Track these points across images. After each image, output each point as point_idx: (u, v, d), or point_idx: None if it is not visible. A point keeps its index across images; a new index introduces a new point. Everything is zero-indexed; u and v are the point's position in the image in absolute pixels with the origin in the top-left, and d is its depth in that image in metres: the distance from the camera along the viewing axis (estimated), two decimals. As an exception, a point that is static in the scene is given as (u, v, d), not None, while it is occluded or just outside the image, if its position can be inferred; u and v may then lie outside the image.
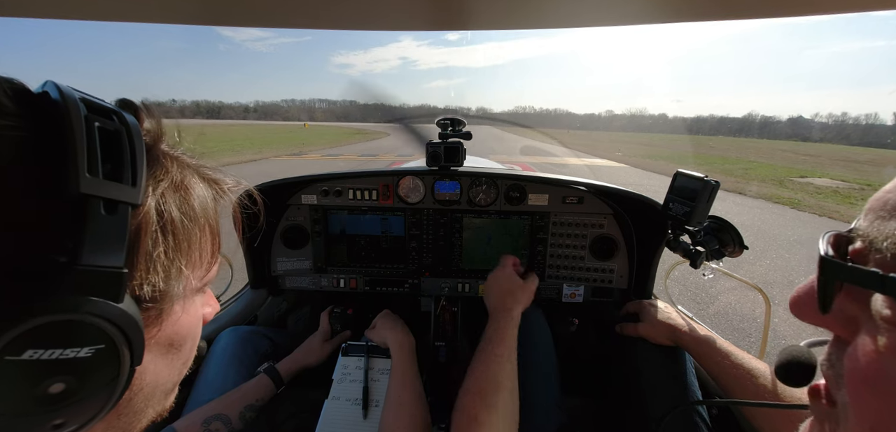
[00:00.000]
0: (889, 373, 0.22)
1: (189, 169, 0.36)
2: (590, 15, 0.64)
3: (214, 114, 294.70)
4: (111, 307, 0.26)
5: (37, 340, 0.23)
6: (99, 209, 0.25)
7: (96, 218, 0.25)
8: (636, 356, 0.95)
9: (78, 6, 0.64)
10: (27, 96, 0.26)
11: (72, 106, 0.25)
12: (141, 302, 0.30)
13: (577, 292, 1.24)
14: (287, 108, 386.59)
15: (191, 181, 0.35)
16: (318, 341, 1.08)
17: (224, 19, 0.66)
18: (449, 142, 1.13)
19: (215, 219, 0.39)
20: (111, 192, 0.26)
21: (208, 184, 0.38)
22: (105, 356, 0.26)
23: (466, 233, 1.24)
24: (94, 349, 0.26)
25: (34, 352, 0.23)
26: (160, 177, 0.32)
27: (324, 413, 0.87)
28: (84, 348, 0.25)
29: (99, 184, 0.25)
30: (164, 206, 0.31)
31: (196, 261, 0.36)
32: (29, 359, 0.23)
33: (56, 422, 0.26)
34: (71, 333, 0.25)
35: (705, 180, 0.84)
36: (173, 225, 0.32)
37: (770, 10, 0.60)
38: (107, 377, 0.27)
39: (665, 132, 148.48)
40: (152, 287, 0.30)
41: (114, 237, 0.26)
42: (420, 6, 0.62)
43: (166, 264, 0.31)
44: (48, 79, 0.28)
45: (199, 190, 0.36)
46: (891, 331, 0.23)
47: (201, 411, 0.78)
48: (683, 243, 0.90)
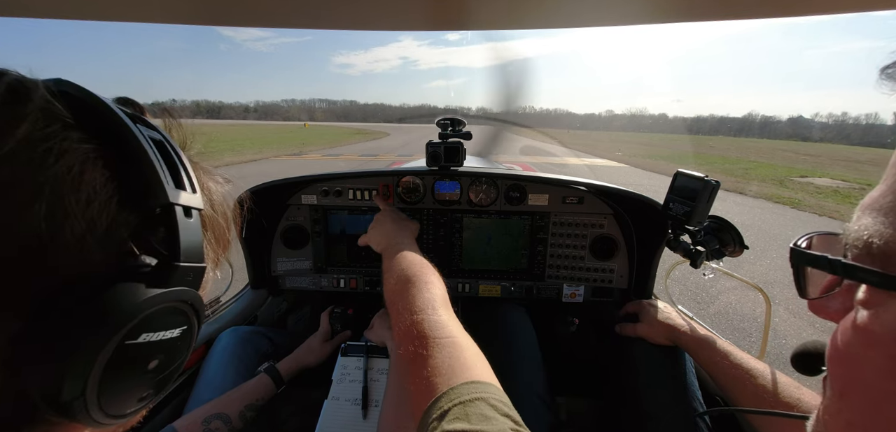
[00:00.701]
0: (852, 344, 0.26)
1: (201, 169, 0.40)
2: (590, 15, 0.64)
3: (214, 114, 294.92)
4: (195, 295, 0.31)
5: (149, 325, 0.28)
6: (181, 215, 0.30)
7: (182, 222, 0.30)
8: (636, 356, 0.95)
9: (78, 6, 0.64)
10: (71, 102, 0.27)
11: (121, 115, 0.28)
12: None
13: (577, 292, 1.24)
14: (287, 107, 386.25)
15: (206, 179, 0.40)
16: (319, 341, 1.08)
17: (224, 19, 0.66)
18: (449, 143, 1.13)
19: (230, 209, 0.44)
20: (185, 200, 0.30)
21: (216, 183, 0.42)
22: (187, 333, 0.32)
23: (466, 233, 1.24)
24: (182, 329, 0.31)
25: (147, 336, 0.28)
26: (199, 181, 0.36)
27: (323, 413, 0.87)
28: (176, 329, 0.30)
29: (176, 193, 0.30)
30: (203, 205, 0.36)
31: (221, 250, 0.41)
32: (143, 341, 0.28)
33: (144, 394, 0.30)
34: (171, 317, 0.30)
35: (705, 180, 0.84)
36: (210, 220, 0.37)
37: (770, 10, 0.60)
38: (183, 350, 0.32)
39: (665, 132, 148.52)
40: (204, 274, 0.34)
41: (195, 237, 0.31)
42: (420, 6, 0.62)
43: (209, 255, 0.37)
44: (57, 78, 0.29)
45: (215, 187, 0.41)
46: (862, 313, 0.26)
47: (201, 410, 0.79)
48: (683, 243, 0.90)
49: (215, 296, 1.18)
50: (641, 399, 0.88)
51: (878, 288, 0.24)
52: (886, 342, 0.24)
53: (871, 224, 0.25)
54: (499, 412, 0.41)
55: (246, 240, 1.17)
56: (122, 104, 0.34)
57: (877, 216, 0.25)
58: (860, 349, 0.26)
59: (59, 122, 0.25)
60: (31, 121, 0.24)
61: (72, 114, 0.26)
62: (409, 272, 0.67)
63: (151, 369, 0.30)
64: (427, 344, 0.52)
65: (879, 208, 0.25)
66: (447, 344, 0.52)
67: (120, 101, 0.35)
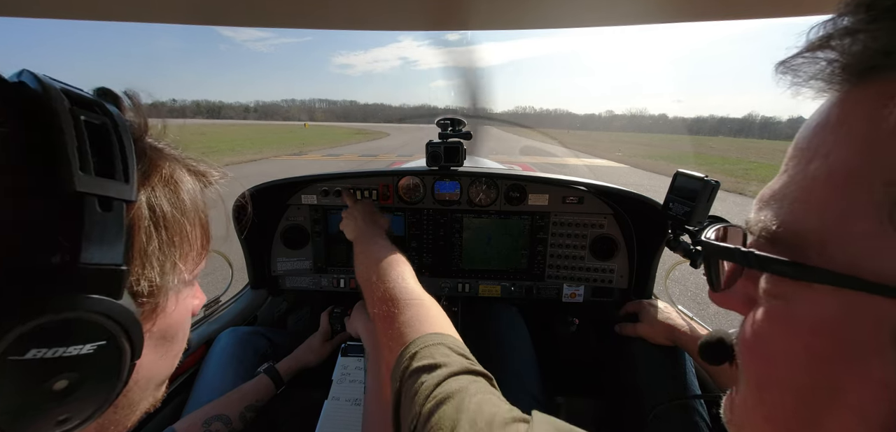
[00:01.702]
0: (768, 337, 0.26)
1: (176, 161, 0.36)
2: (590, 15, 0.64)
3: (215, 114, 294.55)
4: (112, 304, 0.26)
5: (40, 339, 0.24)
6: (94, 207, 0.25)
7: (93, 216, 0.25)
8: (636, 356, 0.95)
9: (78, 6, 0.64)
10: (5, 88, 0.25)
11: (56, 98, 0.25)
12: (137, 297, 0.30)
13: (578, 292, 1.24)
14: (287, 107, 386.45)
15: (179, 174, 0.35)
16: (318, 341, 1.08)
17: (224, 19, 0.66)
18: (449, 143, 1.13)
19: (205, 211, 0.39)
20: (105, 189, 0.25)
21: (195, 176, 0.38)
22: (107, 352, 0.27)
23: (466, 233, 1.24)
24: (97, 345, 0.26)
25: (38, 351, 0.24)
26: (149, 172, 0.32)
27: (323, 413, 0.87)
28: (87, 345, 0.26)
29: (93, 181, 0.25)
30: (155, 201, 0.31)
31: (188, 255, 0.36)
32: (33, 358, 0.23)
33: (61, 418, 0.26)
34: (74, 331, 0.25)
35: (705, 180, 0.84)
36: (165, 219, 0.32)
37: (770, 10, 0.60)
38: (109, 372, 0.28)
39: (665, 132, 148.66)
40: (149, 282, 0.30)
41: (111, 234, 0.26)
42: (420, 6, 0.62)
43: (161, 259, 0.32)
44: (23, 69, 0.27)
45: (187, 182, 0.36)
46: (767, 302, 0.26)
47: (201, 412, 0.78)
48: (683, 243, 0.90)
49: (214, 296, 1.18)
50: (641, 398, 0.88)
51: (788, 278, 0.24)
52: (801, 333, 0.23)
53: (774, 215, 0.25)
54: (456, 353, 0.49)
55: (246, 240, 1.17)
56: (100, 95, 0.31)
57: (781, 206, 0.25)
58: (774, 341, 0.25)
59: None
60: None
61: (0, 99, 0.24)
62: (381, 254, 0.74)
63: (60, 390, 0.25)
64: (398, 304, 0.61)
65: (782, 199, 0.25)
66: (415, 304, 0.61)
67: (97, 91, 0.32)
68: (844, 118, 0.22)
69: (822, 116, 0.24)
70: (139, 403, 0.36)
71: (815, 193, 0.23)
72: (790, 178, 0.25)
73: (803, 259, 0.23)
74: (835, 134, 0.23)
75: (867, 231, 0.20)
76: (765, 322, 0.26)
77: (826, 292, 0.22)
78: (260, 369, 0.95)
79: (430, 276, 1.27)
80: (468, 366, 0.47)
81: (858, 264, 0.20)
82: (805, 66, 0.24)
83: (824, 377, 0.22)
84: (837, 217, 0.22)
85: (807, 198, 0.24)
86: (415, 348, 0.50)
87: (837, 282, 0.21)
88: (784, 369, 0.25)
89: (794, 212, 0.24)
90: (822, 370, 0.22)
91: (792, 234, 0.24)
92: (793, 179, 0.25)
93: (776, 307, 0.25)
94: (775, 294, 0.25)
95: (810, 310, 0.23)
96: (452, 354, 0.49)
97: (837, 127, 0.23)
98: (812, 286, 0.23)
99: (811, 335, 0.23)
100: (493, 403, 0.41)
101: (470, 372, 0.46)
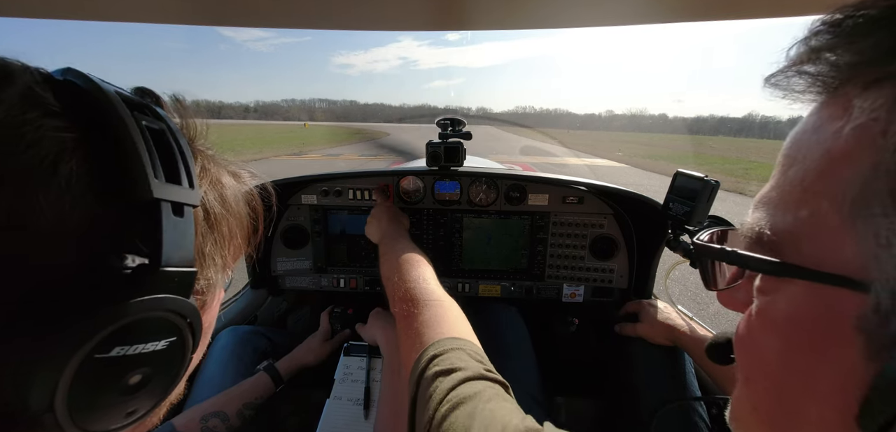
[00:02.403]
0: (753, 331, 0.28)
1: (216, 163, 0.37)
2: (590, 15, 0.64)
3: (215, 115, 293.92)
4: (184, 303, 0.28)
5: (124, 338, 0.25)
6: (169, 212, 0.26)
7: (168, 221, 0.26)
8: (635, 356, 0.95)
9: (78, 6, 0.64)
10: (69, 89, 0.26)
11: (117, 103, 0.26)
12: (198, 294, 0.32)
13: (577, 292, 1.24)
14: (287, 107, 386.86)
15: (221, 175, 0.37)
16: (318, 341, 1.08)
17: (224, 19, 0.66)
18: (449, 143, 1.13)
19: (245, 210, 0.41)
20: (176, 195, 0.27)
21: (234, 178, 0.40)
22: (177, 347, 0.29)
23: (466, 233, 1.24)
24: (169, 341, 0.28)
25: (121, 349, 0.25)
26: (201, 175, 0.33)
27: (325, 412, 0.87)
28: (162, 341, 0.27)
29: (165, 187, 0.26)
30: (208, 203, 0.33)
31: (230, 254, 0.38)
32: (116, 356, 0.25)
33: (130, 409, 0.28)
34: (152, 329, 0.27)
35: (705, 180, 0.84)
36: (216, 220, 0.34)
37: (770, 10, 0.60)
38: (175, 365, 0.30)
39: (665, 132, 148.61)
40: (207, 280, 0.32)
41: (185, 238, 0.28)
42: (420, 6, 0.62)
43: (214, 257, 0.33)
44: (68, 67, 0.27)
45: (229, 183, 0.37)
46: (757, 298, 0.27)
47: (200, 408, 0.79)
48: (683, 243, 0.90)
49: None
50: (641, 398, 0.88)
51: (770, 275, 0.26)
52: (781, 325, 0.25)
53: (761, 217, 0.27)
54: (473, 358, 0.50)
55: None
56: (140, 95, 0.31)
57: (767, 209, 0.27)
58: (759, 335, 0.27)
59: (39, 109, 0.23)
60: (6, 107, 0.22)
61: (61, 101, 0.24)
62: (404, 254, 0.77)
63: (134, 384, 0.27)
64: (418, 305, 0.62)
65: (768, 202, 0.27)
66: (434, 305, 0.62)
67: (137, 91, 0.32)
68: (818, 125, 0.24)
69: (802, 124, 0.26)
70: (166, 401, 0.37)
71: (792, 195, 0.25)
72: (775, 183, 0.27)
73: (780, 257, 0.25)
74: (809, 140, 0.24)
75: (831, 227, 0.22)
76: (753, 318, 0.28)
77: (800, 286, 0.24)
78: (259, 366, 0.95)
79: None
80: (484, 372, 0.47)
81: (824, 259, 0.22)
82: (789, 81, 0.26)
83: (800, 367, 0.24)
84: (808, 216, 0.23)
85: (786, 199, 0.25)
86: (433, 351, 0.51)
87: (806, 275, 0.23)
88: (767, 361, 0.26)
89: (776, 215, 0.26)
90: (797, 360, 0.24)
91: (774, 234, 0.26)
92: (777, 183, 0.27)
93: (763, 303, 0.27)
94: (763, 290, 0.27)
95: (787, 304, 0.25)
96: (469, 359, 0.49)
97: (812, 133, 0.24)
98: (790, 281, 0.24)
99: (788, 327, 0.25)
100: (507, 411, 0.41)
101: (486, 377, 0.47)
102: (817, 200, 0.23)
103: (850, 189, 0.21)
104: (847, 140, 0.22)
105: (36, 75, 0.25)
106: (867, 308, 0.20)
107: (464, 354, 0.50)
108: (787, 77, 0.26)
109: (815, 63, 0.24)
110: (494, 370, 0.50)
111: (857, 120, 0.21)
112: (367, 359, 0.98)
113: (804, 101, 0.26)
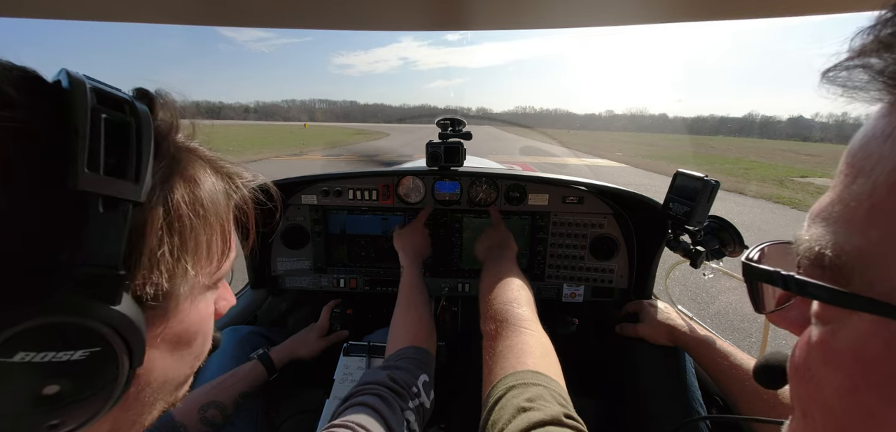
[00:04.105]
0: (811, 361, 0.25)
1: (202, 162, 0.35)
2: (590, 15, 0.64)
3: (215, 115, 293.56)
4: (106, 310, 0.25)
5: (28, 343, 0.23)
6: (97, 207, 0.24)
7: (95, 216, 0.24)
8: (636, 356, 0.95)
9: (78, 6, 0.64)
10: (35, 85, 0.25)
11: (78, 94, 0.24)
12: (143, 301, 0.29)
13: (577, 292, 1.24)
14: (287, 108, 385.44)
15: (201, 175, 0.34)
16: (315, 335, 1.08)
17: (224, 19, 0.66)
18: (449, 143, 1.13)
19: (226, 214, 0.38)
20: (111, 189, 0.24)
21: (222, 178, 0.37)
22: (100, 358, 0.25)
23: (466, 233, 1.24)
24: (89, 352, 0.25)
25: (25, 355, 0.23)
26: (169, 172, 0.30)
27: (325, 413, 0.87)
28: (78, 351, 0.24)
29: (98, 180, 0.24)
30: (171, 203, 0.30)
31: (204, 259, 0.34)
32: (20, 362, 0.23)
33: (52, 422, 0.25)
34: (64, 336, 0.24)
35: (705, 180, 0.84)
36: (181, 222, 0.31)
37: (770, 10, 0.60)
38: (104, 379, 0.26)
39: (665, 132, 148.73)
40: (156, 287, 0.29)
41: (112, 236, 0.25)
42: (420, 6, 0.62)
43: (171, 263, 0.30)
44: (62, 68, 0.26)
45: (209, 184, 0.34)
46: (816, 326, 0.24)
47: (195, 397, 0.79)
48: (683, 243, 0.90)
49: None
50: (641, 399, 0.88)
51: (833, 305, 0.23)
52: (845, 361, 0.22)
53: (821, 234, 0.23)
54: (555, 401, 0.49)
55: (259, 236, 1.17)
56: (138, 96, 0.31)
57: (827, 226, 0.23)
58: (819, 367, 0.24)
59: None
60: None
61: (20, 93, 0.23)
62: (505, 275, 0.78)
63: (50, 395, 0.24)
64: (506, 328, 0.63)
65: (828, 217, 0.23)
66: (523, 333, 0.62)
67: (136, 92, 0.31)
68: (890, 131, 0.20)
69: (869, 128, 0.22)
70: (154, 403, 0.35)
71: (859, 212, 0.21)
72: (837, 195, 0.23)
73: (844, 284, 0.22)
74: (881, 147, 0.21)
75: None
76: (811, 347, 0.25)
77: (867, 319, 0.21)
78: (253, 355, 0.95)
79: (431, 276, 1.27)
80: (562, 417, 0.45)
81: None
82: (852, 74, 0.22)
83: (866, 409, 0.21)
84: (879, 238, 0.20)
85: (851, 216, 0.22)
86: (512, 381, 0.51)
87: (876, 309, 0.20)
88: (827, 398, 0.23)
89: (838, 233, 0.22)
90: (863, 401, 0.21)
91: (835, 256, 0.22)
92: (839, 196, 0.23)
93: (823, 332, 0.24)
94: (823, 318, 0.24)
95: (853, 338, 0.22)
96: (550, 400, 0.48)
97: (883, 140, 0.21)
98: (857, 313, 0.21)
99: (853, 364, 0.22)
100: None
101: (563, 424, 0.45)
102: (890, 220, 0.19)
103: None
104: None
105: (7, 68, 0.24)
106: None
107: (544, 391, 0.49)
108: (849, 70, 0.22)
109: (883, 55, 0.21)
110: (575, 415, 0.48)
111: None
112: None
113: (867, 100, 0.22)
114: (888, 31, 0.20)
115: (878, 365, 0.20)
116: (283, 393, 0.96)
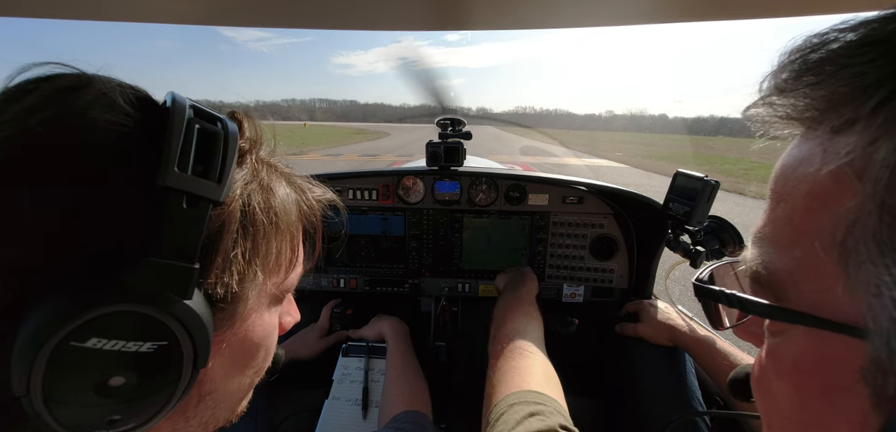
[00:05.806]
0: (766, 373, 0.26)
1: (278, 174, 0.36)
2: (590, 15, 0.64)
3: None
4: (178, 303, 0.25)
5: (101, 329, 0.23)
6: (181, 203, 0.25)
7: (178, 210, 0.25)
8: (636, 356, 0.95)
9: (78, 6, 0.64)
10: (145, 102, 0.28)
11: (178, 109, 0.26)
12: (214, 301, 0.29)
13: (578, 292, 1.24)
14: (287, 107, 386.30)
15: (276, 185, 0.35)
16: (314, 336, 1.08)
17: (224, 19, 0.66)
18: (449, 143, 1.13)
19: (297, 225, 0.39)
20: (195, 187, 0.26)
21: (295, 191, 0.39)
22: (167, 353, 0.26)
23: (466, 233, 1.24)
24: (157, 345, 0.25)
25: (98, 341, 0.23)
26: (249, 179, 0.32)
27: (324, 413, 0.87)
28: (146, 343, 0.25)
29: (185, 179, 0.25)
30: (248, 207, 0.31)
31: (273, 267, 0.35)
32: (92, 348, 0.23)
33: (113, 417, 0.25)
34: (135, 326, 0.24)
35: (705, 180, 0.84)
36: (255, 226, 0.32)
37: (770, 10, 0.60)
38: (168, 376, 0.27)
39: (665, 132, 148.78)
40: (226, 287, 0.30)
41: (191, 231, 0.26)
42: (420, 6, 0.62)
43: (243, 266, 0.31)
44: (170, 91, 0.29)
45: (282, 193, 0.36)
46: (767, 339, 0.26)
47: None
48: (683, 243, 0.90)
49: None
50: (641, 398, 0.88)
51: (769, 319, 0.24)
52: (790, 371, 0.24)
53: (757, 255, 0.25)
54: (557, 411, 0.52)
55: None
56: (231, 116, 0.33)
57: (762, 246, 0.25)
58: (772, 379, 0.25)
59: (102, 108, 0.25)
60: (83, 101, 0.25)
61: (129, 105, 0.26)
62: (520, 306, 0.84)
63: (115, 387, 0.24)
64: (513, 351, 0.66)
65: (763, 238, 0.25)
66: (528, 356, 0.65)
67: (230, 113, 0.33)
68: (798, 163, 0.23)
69: (786, 158, 0.24)
70: (215, 418, 0.34)
71: (785, 233, 0.23)
72: (767, 218, 0.25)
73: (781, 300, 0.23)
74: (794, 175, 0.23)
75: (826, 269, 0.20)
76: (764, 359, 0.26)
77: (801, 331, 0.22)
78: None
79: (431, 276, 1.27)
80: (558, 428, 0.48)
81: (823, 302, 0.21)
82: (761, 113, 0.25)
83: (814, 414, 0.22)
84: (802, 258, 0.22)
85: (778, 237, 0.24)
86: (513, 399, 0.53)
87: (805, 321, 0.21)
88: (781, 407, 0.25)
89: (770, 253, 0.24)
90: (810, 407, 0.22)
91: (769, 274, 0.24)
92: (769, 219, 0.25)
93: (772, 345, 0.26)
94: (772, 332, 0.26)
95: (794, 348, 0.23)
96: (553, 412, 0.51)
97: (794, 169, 0.23)
98: (794, 326, 0.23)
99: (795, 373, 0.23)
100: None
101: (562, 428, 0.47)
102: (809, 240, 0.21)
103: (836, 231, 0.19)
104: (826, 181, 0.20)
105: (112, 84, 0.27)
106: (867, 357, 0.18)
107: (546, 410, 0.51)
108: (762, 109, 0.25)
109: (782, 99, 0.23)
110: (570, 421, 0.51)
111: (833, 161, 0.20)
112: (366, 360, 0.98)
113: (784, 135, 0.24)
114: (783, 77, 0.23)
115: (817, 372, 0.22)
116: (282, 393, 0.96)
